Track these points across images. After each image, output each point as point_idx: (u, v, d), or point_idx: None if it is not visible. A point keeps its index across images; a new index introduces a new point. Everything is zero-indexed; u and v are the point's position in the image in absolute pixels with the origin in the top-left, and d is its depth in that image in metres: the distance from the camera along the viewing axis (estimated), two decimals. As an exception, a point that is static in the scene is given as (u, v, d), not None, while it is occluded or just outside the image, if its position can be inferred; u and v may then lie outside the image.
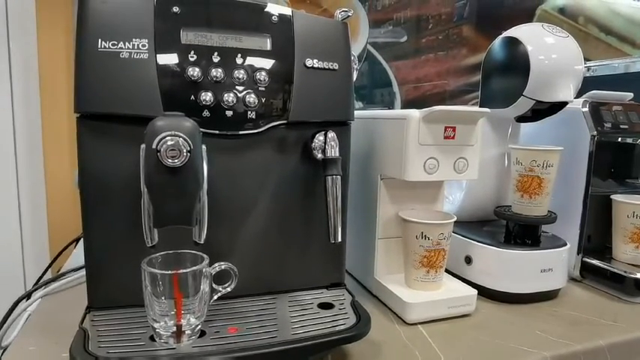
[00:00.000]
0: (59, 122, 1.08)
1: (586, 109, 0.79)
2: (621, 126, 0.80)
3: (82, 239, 0.97)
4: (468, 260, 0.74)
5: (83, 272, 0.74)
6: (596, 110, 0.79)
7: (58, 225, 1.01)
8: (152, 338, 0.47)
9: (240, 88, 0.52)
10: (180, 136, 0.43)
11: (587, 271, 0.79)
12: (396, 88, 1.32)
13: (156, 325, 0.46)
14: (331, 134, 0.55)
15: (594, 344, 0.59)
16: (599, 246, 0.81)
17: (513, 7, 1.61)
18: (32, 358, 0.53)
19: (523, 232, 0.74)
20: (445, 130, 0.63)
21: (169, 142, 0.42)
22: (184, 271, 0.46)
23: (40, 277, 0.91)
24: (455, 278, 0.71)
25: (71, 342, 0.46)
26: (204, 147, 0.47)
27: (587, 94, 0.81)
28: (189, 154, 0.43)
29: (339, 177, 0.53)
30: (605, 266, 0.76)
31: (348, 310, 0.56)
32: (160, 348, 0.46)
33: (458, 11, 1.51)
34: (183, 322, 0.46)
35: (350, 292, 0.61)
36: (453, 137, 0.63)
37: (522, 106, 0.73)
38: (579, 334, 0.61)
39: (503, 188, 0.82)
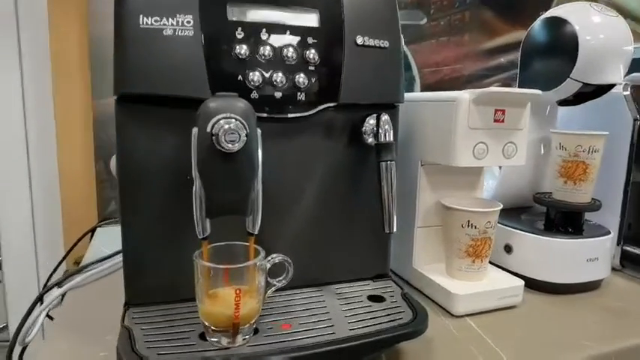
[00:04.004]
0: (73, 111, 1.04)
1: (627, 93, 0.76)
2: (664, 110, 0.77)
3: (97, 230, 0.94)
4: (508, 249, 0.71)
5: (106, 265, 0.72)
6: (639, 93, 0.76)
7: (72, 216, 0.97)
8: (202, 336, 0.44)
9: (290, 67, 0.48)
10: (236, 119, 0.39)
11: (627, 260, 0.76)
12: (415, 71, 1.28)
13: (207, 323, 0.43)
14: (385, 117, 0.52)
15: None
16: (639, 234, 0.78)
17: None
18: (64, 357, 0.50)
19: (565, 220, 0.71)
20: (495, 114, 0.59)
21: (225, 126, 0.39)
22: (239, 265, 0.43)
23: (55, 269, 0.87)
24: (496, 268, 0.69)
25: (117, 341, 0.43)
26: (259, 130, 0.43)
27: (628, 76, 0.78)
28: (246, 138, 0.39)
29: (393, 163, 0.50)
30: (647, 255, 0.74)
31: (400, 304, 0.53)
32: (215, 348, 0.42)
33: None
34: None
35: (397, 284, 0.58)
36: (503, 121, 0.60)
37: (567, 88, 0.70)
38: (635, 325, 0.59)
39: (539, 174, 0.79)
